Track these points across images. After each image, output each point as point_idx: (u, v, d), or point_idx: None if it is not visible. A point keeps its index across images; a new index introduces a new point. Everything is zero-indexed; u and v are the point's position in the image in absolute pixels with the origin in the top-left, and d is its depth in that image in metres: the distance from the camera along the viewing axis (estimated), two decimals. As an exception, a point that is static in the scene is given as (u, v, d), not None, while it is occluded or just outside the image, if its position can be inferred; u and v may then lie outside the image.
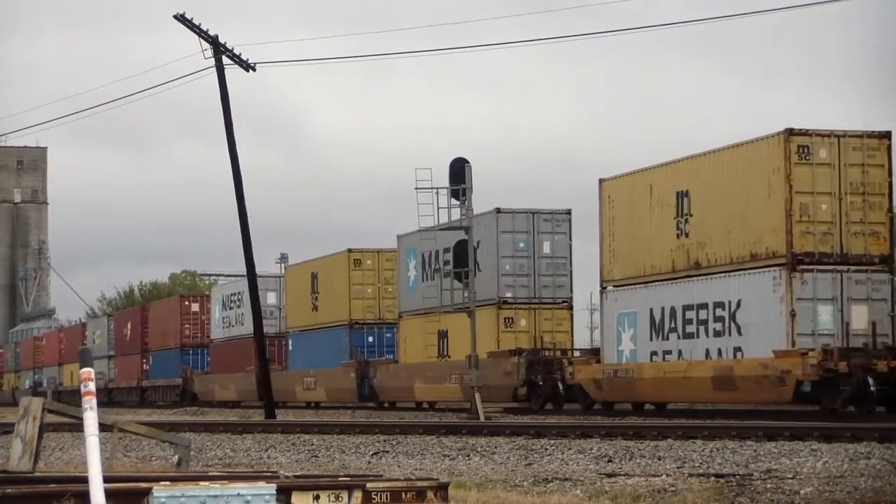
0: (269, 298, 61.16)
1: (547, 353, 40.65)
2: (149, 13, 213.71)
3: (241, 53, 39.18)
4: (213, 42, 38.85)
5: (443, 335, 44.81)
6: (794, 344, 29.91)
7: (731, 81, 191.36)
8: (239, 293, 63.09)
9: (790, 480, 14.87)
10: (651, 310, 34.87)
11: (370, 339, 52.23)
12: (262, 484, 9.81)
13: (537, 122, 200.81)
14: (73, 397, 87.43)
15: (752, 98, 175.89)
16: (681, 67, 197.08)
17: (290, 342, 58.72)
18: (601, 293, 37.59)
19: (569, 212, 42.68)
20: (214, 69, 38.97)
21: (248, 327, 57.94)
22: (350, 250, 52.56)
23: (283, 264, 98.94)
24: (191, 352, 70.77)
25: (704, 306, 32.98)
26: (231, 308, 65.25)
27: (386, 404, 49.52)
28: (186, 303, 72.35)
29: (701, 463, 17.96)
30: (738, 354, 31.75)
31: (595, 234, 37.81)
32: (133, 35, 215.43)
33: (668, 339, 34.28)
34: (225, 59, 39.02)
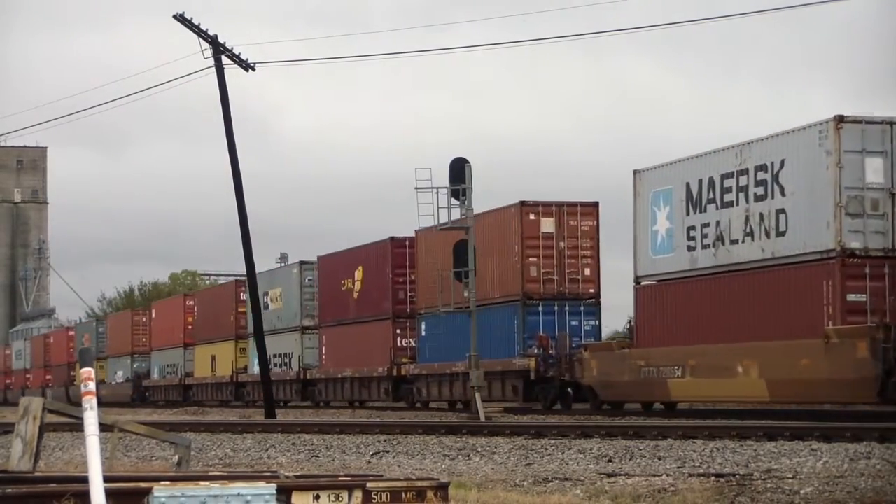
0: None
1: None
2: (109, 10, 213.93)
3: (240, 53, 39.23)
4: (213, 42, 38.80)
5: None
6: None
7: (697, 83, 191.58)
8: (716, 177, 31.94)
9: (790, 480, 14.86)
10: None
11: None
12: (262, 484, 9.81)
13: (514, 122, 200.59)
14: (216, 393, 62.94)
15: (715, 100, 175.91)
16: (652, 70, 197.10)
17: None
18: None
19: None
20: (209, 69, 39.03)
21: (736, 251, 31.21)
22: None
23: (282, 264, 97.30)
24: (541, 309, 40.01)
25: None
26: (701, 210, 32.51)
27: None
28: (532, 216, 40.40)
29: (701, 463, 17.96)
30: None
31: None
32: (103, 35, 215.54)
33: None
34: (224, 60, 39.03)
